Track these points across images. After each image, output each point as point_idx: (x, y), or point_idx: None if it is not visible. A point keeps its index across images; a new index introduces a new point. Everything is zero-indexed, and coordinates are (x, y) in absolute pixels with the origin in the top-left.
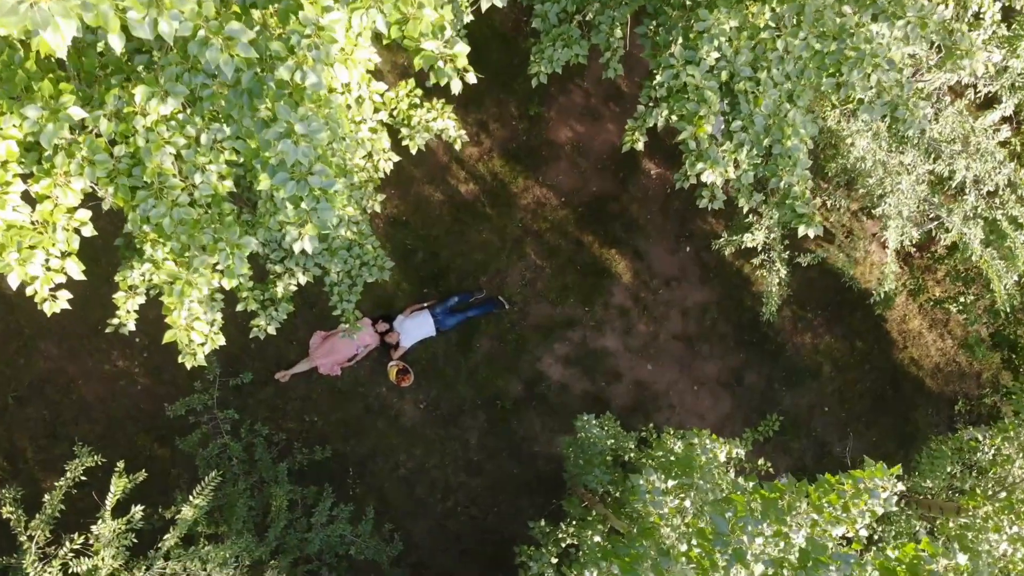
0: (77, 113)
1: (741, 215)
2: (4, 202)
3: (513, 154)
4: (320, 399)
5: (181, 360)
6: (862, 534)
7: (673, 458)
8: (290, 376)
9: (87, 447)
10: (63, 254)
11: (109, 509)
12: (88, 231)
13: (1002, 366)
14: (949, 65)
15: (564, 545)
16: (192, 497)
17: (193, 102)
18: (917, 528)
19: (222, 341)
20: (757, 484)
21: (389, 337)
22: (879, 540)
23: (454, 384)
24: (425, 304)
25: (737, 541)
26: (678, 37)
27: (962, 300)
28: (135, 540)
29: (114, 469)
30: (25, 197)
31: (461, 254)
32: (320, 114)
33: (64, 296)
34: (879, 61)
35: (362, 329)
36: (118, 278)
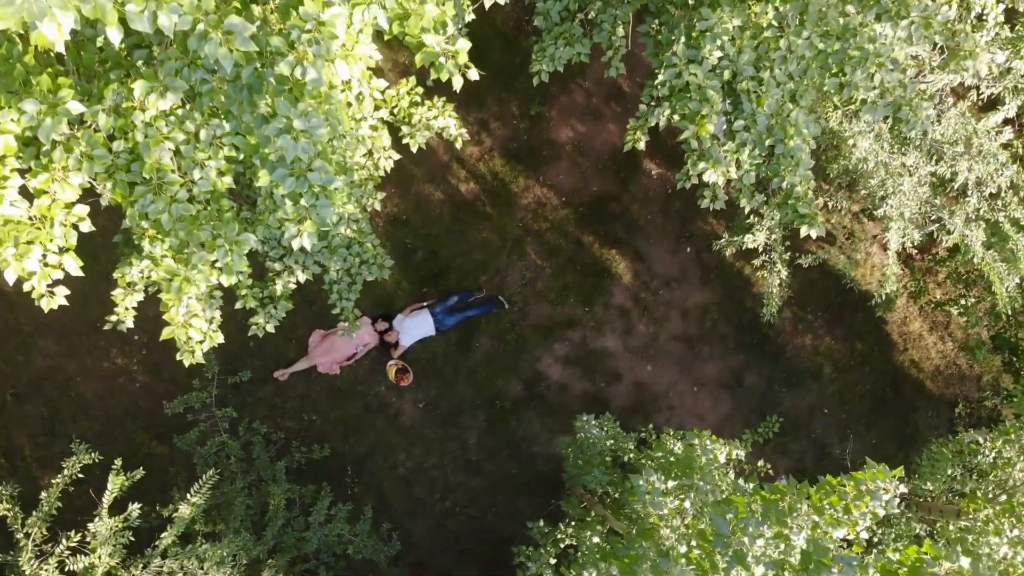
0: (76, 108)
1: (742, 216)
2: (1, 197)
3: (514, 153)
4: (319, 398)
5: (179, 357)
6: (863, 536)
7: (673, 459)
8: (289, 374)
9: (85, 444)
10: (61, 250)
11: (106, 507)
12: (86, 227)
13: (1003, 369)
14: (952, 66)
15: (563, 546)
16: (190, 495)
17: (192, 97)
18: (918, 531)
19: (221, 339)
20: (758, 485)
21: (388, 336)
22: (879, 543)
23: (453, 384)
24: (425, 303)
25: (738, 543)
26: (681, 36)
27: (963, 303)
28: (132, 538)
29: (112, 467)
30: (23, 192)
31: (461, 253)
32: (320, 110)
33: (62, 292)
34: (883, 61)
35: (361, 328)
36: (117, 275)
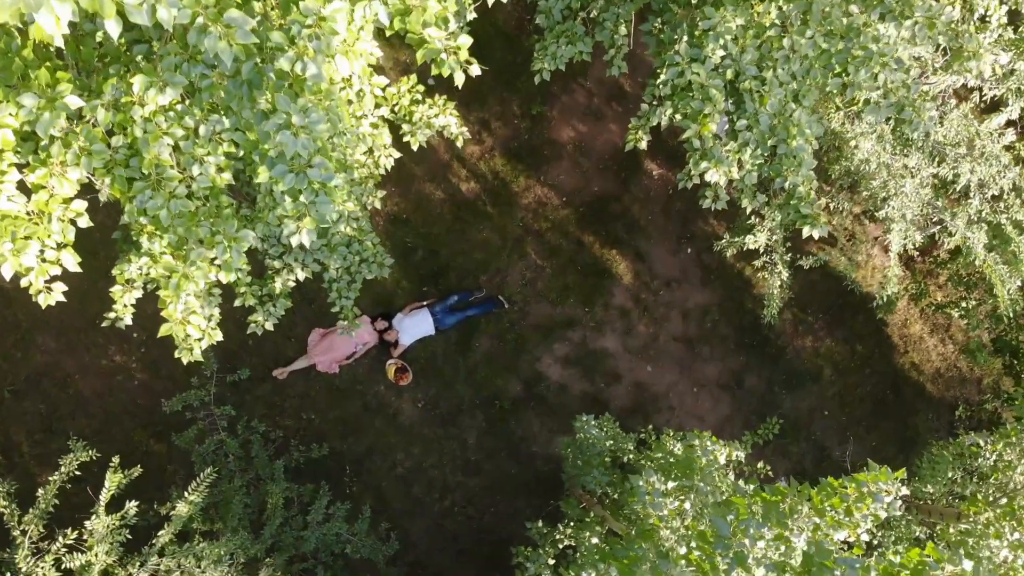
0: (74, 102)
1: (743, 217)
2: None
3: (515, 153)
4: (318, 397)
5: (178, 355)
6: (864, 539)
7: (673, 460)
8: (288, 373)
9: (83, 442)
10: (59, 245)
11: (103, 504)
12: (84, 222)
13: (1003, 372)
14: (956, 67)
15: (561, 546)
16: (187, 493)
17: (192, 93)
18: (918, 533)
19: (219, 337)
20: (758, 487)
21: (388, 335)
22: (878, 545)
23: (453, 383)
24: (424, 302)
25: (738, 544)
26: (683, 35)
27: (964, 305)
28: (129, 536)
29: (109, 464)
30: (21, 187)
31: (461, 252)
32: (320, 107)
33: (60, 288)
34: (887, 60)
35: (361, 327)
36: (115, 271)
